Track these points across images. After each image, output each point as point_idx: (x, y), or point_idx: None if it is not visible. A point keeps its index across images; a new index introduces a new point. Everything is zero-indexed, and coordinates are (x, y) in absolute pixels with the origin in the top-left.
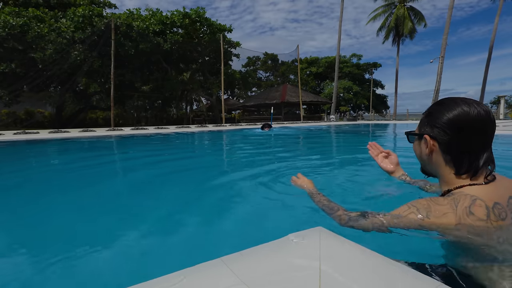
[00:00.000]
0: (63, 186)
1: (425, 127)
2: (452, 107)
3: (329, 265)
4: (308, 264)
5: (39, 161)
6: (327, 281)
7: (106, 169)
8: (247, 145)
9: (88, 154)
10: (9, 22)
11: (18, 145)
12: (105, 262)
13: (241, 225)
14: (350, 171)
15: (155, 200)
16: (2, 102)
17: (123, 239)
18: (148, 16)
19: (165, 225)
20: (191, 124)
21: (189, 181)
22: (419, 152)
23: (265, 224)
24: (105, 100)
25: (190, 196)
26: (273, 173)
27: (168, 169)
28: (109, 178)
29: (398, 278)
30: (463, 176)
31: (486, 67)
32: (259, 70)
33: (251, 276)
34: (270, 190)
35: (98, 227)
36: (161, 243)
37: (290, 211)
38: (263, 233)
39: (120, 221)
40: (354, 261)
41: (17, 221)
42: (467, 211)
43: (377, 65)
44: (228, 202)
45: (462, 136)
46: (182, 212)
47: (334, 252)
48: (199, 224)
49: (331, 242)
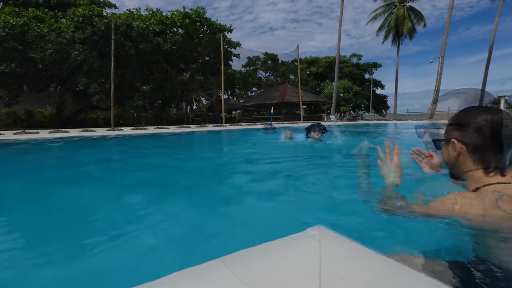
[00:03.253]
0: (69, 184)
1: (452, 132)
2: (476, 114)
3: (328, 263)
4: (308, 262)
5: (39, 160)
6: (327, 279)
7: (106, 170)
8: (247, 145)
9: (90, 153)
10: (9, 22)
11: (21, 145)
12: (105, 262)
13: (241, 224)
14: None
15: (155, 199)
16: (2, 102)
17: (123, 239)
18: (148, 16)
19: (165, 225)
20: (191, 124)
21: (189, 181)
22: (447, 156)
23: (265, 223)
24: (105, 100)
25: (190, 196)
26: (274, 173)
27: (165, 170)
28: (109, 178)
29: (397, 276)
30: (490, 174)
31: (486, 67)
32: (259, 70)
33: (251, 276)
34: (270, 190)
35: (98, 227)
36: (161, 243)
37: (290, 210)
38: (263, 232)
39: (120, 222)
40: (353, 259)
41: (17, 220)
42: (493, 204)
43: (377, 65)
44: (229, 202)
45: (488, 138)
46: (182, 212)
47: (333, 251)
48: (199, 224)
49: (331, 241)
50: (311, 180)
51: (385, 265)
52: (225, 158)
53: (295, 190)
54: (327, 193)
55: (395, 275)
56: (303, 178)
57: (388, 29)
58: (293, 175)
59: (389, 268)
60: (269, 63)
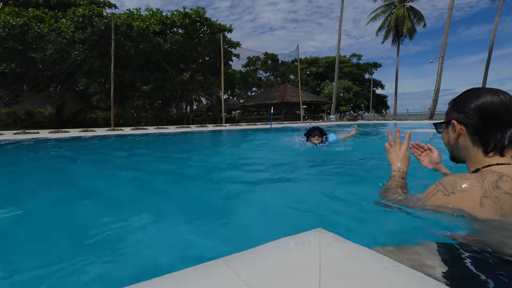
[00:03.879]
0: (73, 182)
1: (452, 114)
2: (477, 95)
3: (329, 267)
4: (308, 265)
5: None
6: (327, 282)
7: (105, 170)
8: (249, 145)
9: (93, 152)
10: (9, 22)
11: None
12: (106, 262)
13: (242, 225)
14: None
15: (155, 199)
16: (2, 102)
17: (124, 239)
18: (148, 16)
19: (164, 226)
20: (191, 124)
21: (188, 181)
22: (447, 139)
23: (266, 225)
24: (105, 100)
25: (189, 195)
26: (274, 173)
27: (164, 169)
28: (108, 178)
29: (399, 279)
30: (490, 154)
31: (486, 67)
32: (259, 70)
33: (252, 277)
34: (271, 191)
35: (98, 227)
36: (161, 244)
37: (291, 212)
38: (264, 234)
39: (120, 221)
40: (354, 263)
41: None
42: (493, 185)
43: (377, 65)
44: (229, 202)
45: (487, 119)
46: (181, 212)
47: (334, 254)
48: (199, 224)
49: (331, 242)
50: (312, 181)
51: (386, 266)
52: (225, 158)
53: (296, 191)
54: (328, 194)
55: (396, 276)
56: (304, 178)
57: (388, 29)
58: (294, 175)
59: (389, 269)
60: (269, 63)
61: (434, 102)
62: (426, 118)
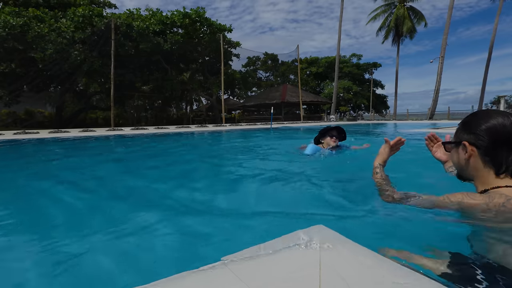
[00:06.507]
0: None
1: (462, 134)
2: (487, 116)
3: (329, 263)
4: (308, 262)
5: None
6: (327, 279)
7: (104, 170)
8: (249, 145)
9: (94, 152)
10: (9, 22)
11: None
12: (105, 262)
13: (242, 224)
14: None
15: (155, 199)
16: (2, 102)
17: (123, 239)
18: (148, 16)
19: (165, 225)
20: (191, 124)
21: (188, 181)
22: (456, 159)
23: (266, 223)
24: (105, 100)
25: (189, 195)
26: (275, 173)
27: (164, 169)
28: (108, 179)
29: (397, 277)
30: (501, 176)
31: (486, 67)
32: (259, 70)
33: (252, 277)
34: (271, 189)
35: (97, 227)
36: (161, 244)
37: (292, 209)
38: (264, 232)
39: (119, 223)
40: (354, 260)
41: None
42: (500, 205)
43: (377, 65)
44: (229, 202)
45: (498, 140)
46: (181, 212)
47: (334, 250)
48: (198, 224)
49: (331, 241)
50: (313, 181)
51: (386, 265)
52: (224, 158)
53: (296, 191)
54: (329, 194)
55: (396, 276)
56: (305, 179)
57: (388, 29)
58: (294, 176)
59: (389, 269)
60: (269, 63)
61: (434, 102)
62: (426, 118)
